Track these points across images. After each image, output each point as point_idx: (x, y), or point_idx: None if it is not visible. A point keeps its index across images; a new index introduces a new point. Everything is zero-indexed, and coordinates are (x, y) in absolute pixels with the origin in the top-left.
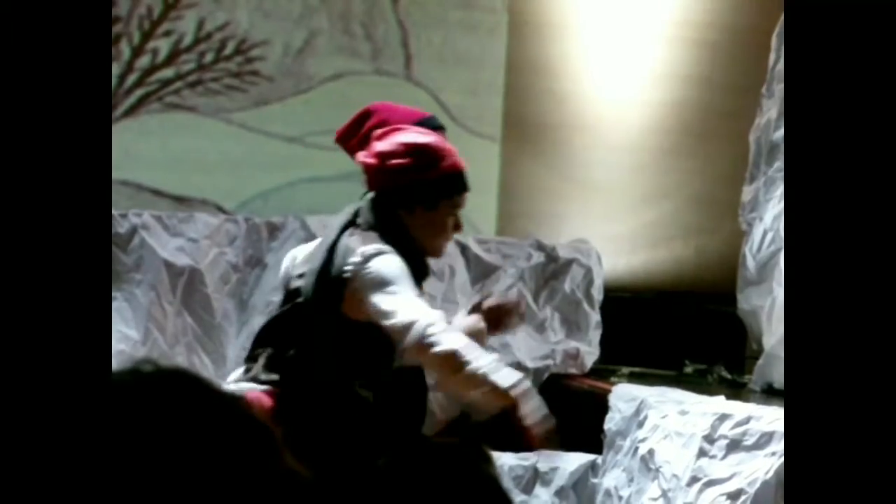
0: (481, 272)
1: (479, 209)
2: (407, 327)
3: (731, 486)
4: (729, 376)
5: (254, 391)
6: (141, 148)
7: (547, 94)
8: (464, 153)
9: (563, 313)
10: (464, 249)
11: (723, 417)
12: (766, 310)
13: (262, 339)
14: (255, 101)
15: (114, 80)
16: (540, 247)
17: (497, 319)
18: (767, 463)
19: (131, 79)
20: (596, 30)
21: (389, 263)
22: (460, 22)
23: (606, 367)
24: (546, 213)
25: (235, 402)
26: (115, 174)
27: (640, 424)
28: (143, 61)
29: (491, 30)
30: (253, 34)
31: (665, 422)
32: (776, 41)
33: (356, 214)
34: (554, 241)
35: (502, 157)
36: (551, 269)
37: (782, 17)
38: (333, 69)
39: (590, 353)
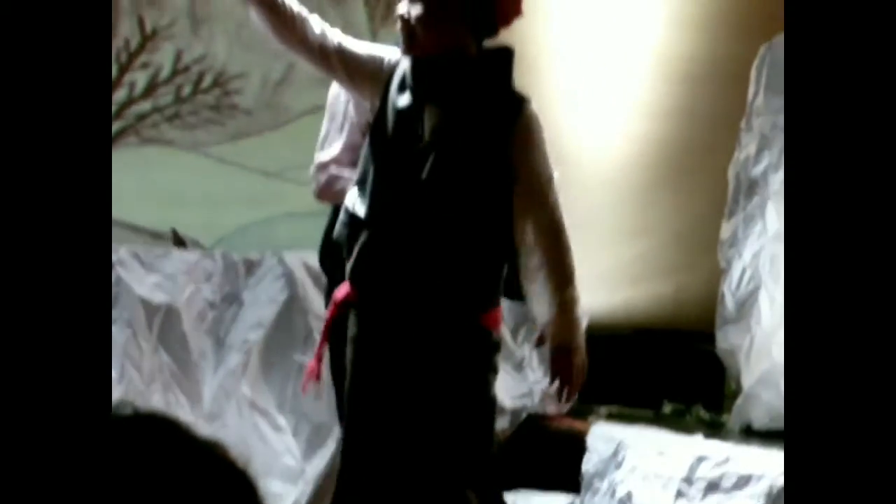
0: None
1: None
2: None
3: None
4: (707, 416)
5: None
6: (117, 182)
7: None
8: None
9: (541, 352)
10: None
11: (701, 459)
12: (745, 348)
13: None
14: (232, 135)
15: None
16: None
17: None
18: None
19: None
20: (575, 64)
21: None
22: None
23: (584, 407)
24: None
25: (213, 448)
26: None
27: (619, 465)
28: (121, 94)
29: None
30: (231, 67)
31: (643, 463)
32: (755, 74)
33: None
34: None
35: None
36: (526, 310)
37: (762, 50)
38: (312, 102)
39: None
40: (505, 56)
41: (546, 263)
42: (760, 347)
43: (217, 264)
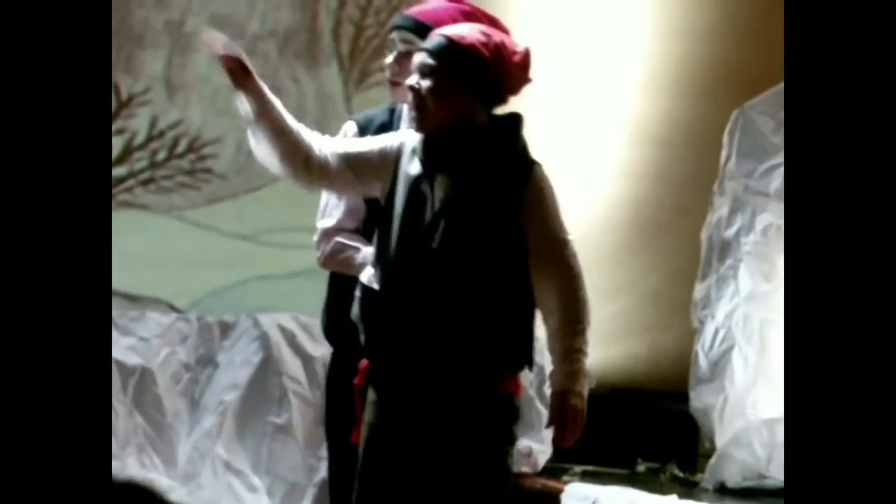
0: None
1: None
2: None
3: None
4: (681, 475)
5: None
6: None
7: None
8: None
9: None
10: None
11: None
12: (718, 408)
13: None
14: (207, 199)
15: None
16: None
17: None
18: None
19: None
20: (550, 127)
21: None
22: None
23: (559, 466)
24: None
25: None
26: None
27: None
28: None
29: None
30: (206, 132)
31: None
32: (727, 138)
33: None
34: None
35: None
36: None
37: (734, 115)
38: None
39: (542, 451)
40: (514, 122)
41: (559, 316)
42: (734, 407)
43: (192, 326)
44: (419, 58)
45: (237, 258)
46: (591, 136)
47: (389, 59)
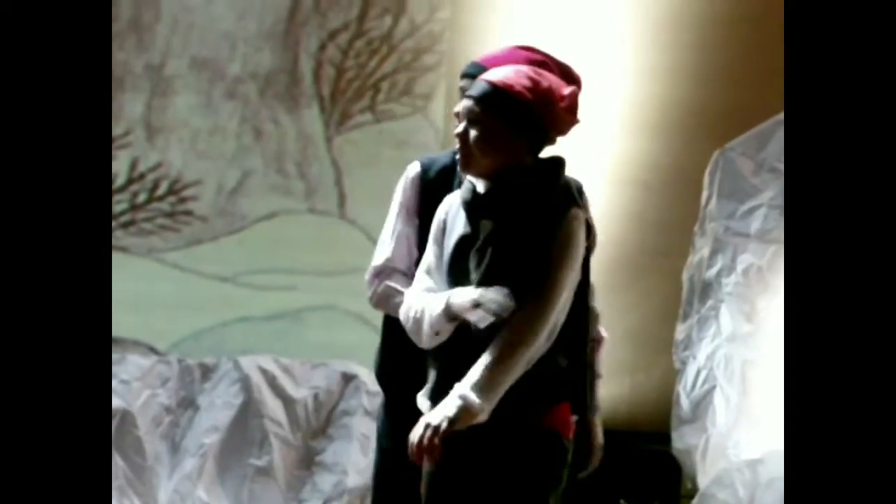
0: None
1: None
2: None
3: None
4: None
5: None
6: None
7: None
8: None
9: None
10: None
11: None
12: (700, 449)
13: None
14: (187, 241)
15: None
16: None
17: None
18: None
19: None
20: None
21: None
22: (394, 160)
23: None
24: None
25: None
26: None
27: None
28: None
29: None
30: (186, 174)
31: None
32: (708, 179)
33: None
34: None
35: None
36: None
37: (714, 156)
38: (267, 208)
39: None
40: (555, 165)
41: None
42: (716, 447)
43: (172, 369)
44: (465, 104)
45: (218, 300)
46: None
47: (458, 107)
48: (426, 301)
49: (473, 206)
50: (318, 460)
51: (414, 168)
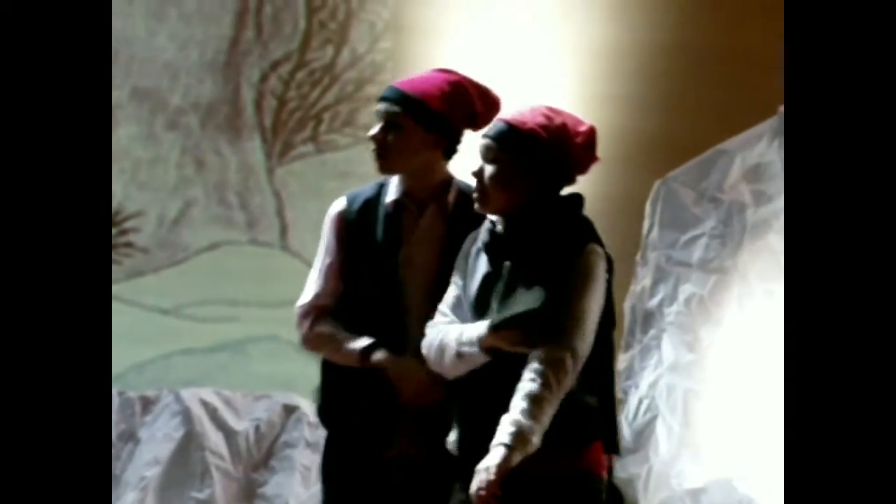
0: None
1: None
2: None
3: None
4: None
5: None
6: None
7: None
8: None
9: None
10: None
11: None
12: (643, 478)
13: None
14: (129, 273)
15: None
16: None
17: None
18: None
19: None
20: None
21: None
22: (336, 191)
23: None
24: None
25: None
26: None
27: None
28: None
29: None
30: (127, 205)
31: None
32: (649, 208)
33: None
34: None
35: None
36: None
37: (656, 185)
38: (208, 240)
39: None
40: (573, 203)
41: (525, 376)
42: (658, 477)
43: (113, 402)
44: (482, 143)
45: (159, 332)
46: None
47: (374, 130)
48: (446, 331)
49: (493, 246)
50: (259, 492)
51: (338, 204)
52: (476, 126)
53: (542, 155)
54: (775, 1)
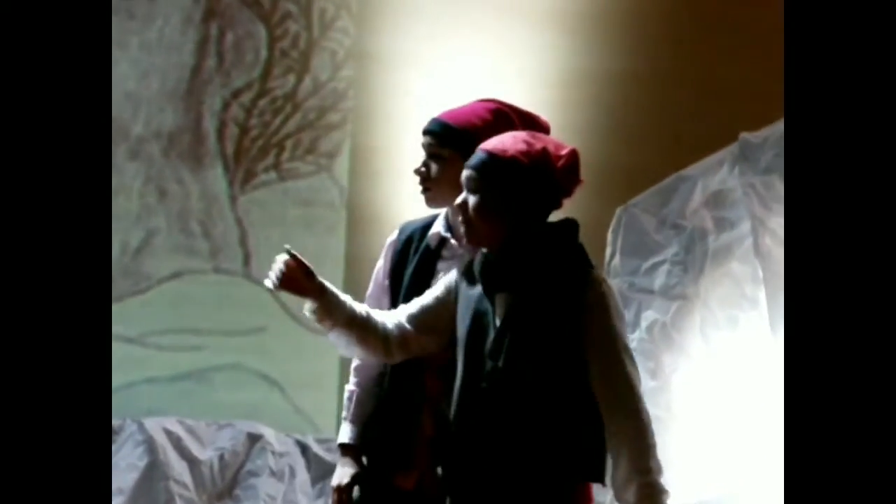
0: (321, 472)
1: (319, 407)
2: None
3: None
4: None
5: None
6: None
7: None
8: (303, 351)
9: None
10: (304, 449)
11: None
12: None
13: None
14: None
15: None
16: None
17: None
18: None
19: None
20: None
21: None
22: (299, 219)
23: None
24: None
25: None
26: None
27: None
28: None
29: (330, 227)
30: None
31: None
32: (611, 236)
33: None
34: None
35: (342, 355)
36: None
37: (617, 212)
38: (171, 268)
39: None
40: (568, 229)
41: (624, 444)
42: None
43: None
44: (465, 174)
45: (122, 361)
46: None
47: (419, 165)
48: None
49: (487, 277)
50: None
51: (392, 234)
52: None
53: (525, 181)
54: (734, 29)
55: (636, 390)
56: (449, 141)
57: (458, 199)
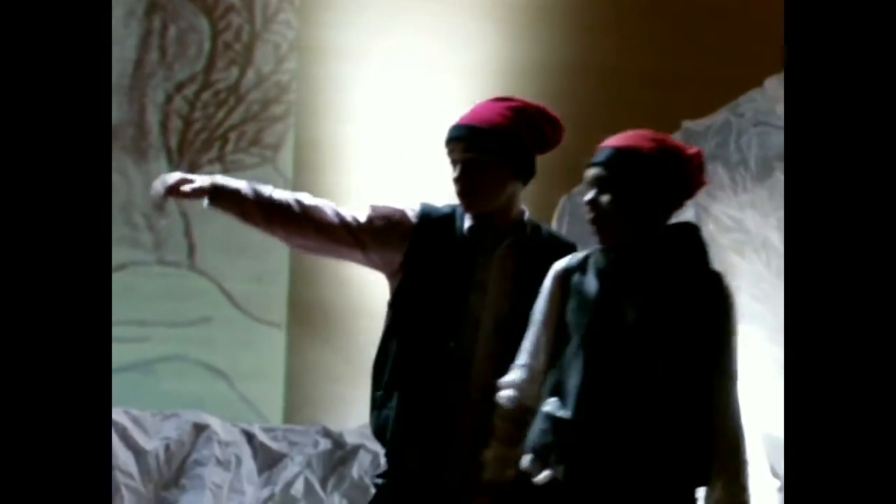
0: (268, 461)
1: (265, 396)
2: None
3: None
4: None
5: None
6: None
7: (331, 279)
8: (248, 341)
9: (351, 500)
10: (250, 438)
11: None
12: None
13: None
14: None
15: None
16: (327, 433)
17: None
18: None
19: None
20: None
21: None
22: None
23: None
24: (333, 398)
25: None
26: None
27: None
28: None
29: None
30: None
31: None
32: (556, 224)
33: None
34: (341, 427)
35: (288, 344)
36: (339, 456)
37: (562, 201)
38: (116, 260)
39: None
40: (693, 232)
41: (724, 455)
42: None
43: None
44: (592, 172)
45: None
46: None
47: (456, 173)
48: None
49: (618, 276)
50: None
51: (414, 204)
52: (546, 148)
53: (661, 177)
54: (674, 20)
55: (737, 401)
56: (483, 145)
57: (588, 196)
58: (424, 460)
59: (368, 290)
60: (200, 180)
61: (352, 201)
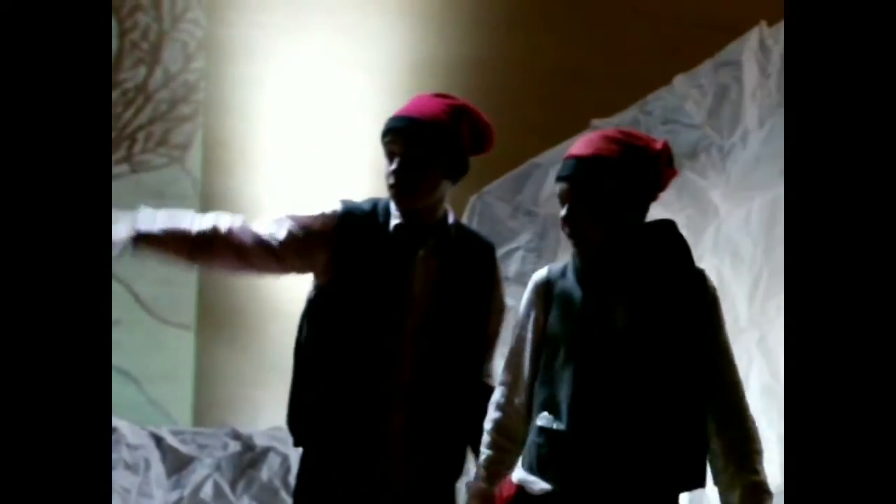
0: (177, 464)
1: (173, 399)
2: None
3: None
4: None
5: None
6: None
7: (241, 281)
8: (157, 344)
9: (261, 502)
10: (158, 441)
11: None
12: None
13: None
14: None
15: None
16: (236, 435)
17: None
18: None
19: None
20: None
21: None
22: None
23: None
24: (243, 400)
25: None
26: None
27: None
28: None
29: None
30: None
31: None
32: (466, 222)
33: None
34: (251, 430)
35: (197, 346)
36: (248, 458)
37: (471, 200)
38: None
39: None
40: (672, 230)
41: (734, 447)
42: None
43: None
44: (558, 187)
45: None
46: None
47: (394, 166)
48: None
49: (601, 281)
50: None
51: (335, 205)
52: (479, 151)
53: (621, 179)
54: (582, 16)
55: (744, 393)
56: (423, 139)
57: (561, 214)
58: (344, 458)
59: (278, 292)
60: (117, 231)
61: (261, 200)
